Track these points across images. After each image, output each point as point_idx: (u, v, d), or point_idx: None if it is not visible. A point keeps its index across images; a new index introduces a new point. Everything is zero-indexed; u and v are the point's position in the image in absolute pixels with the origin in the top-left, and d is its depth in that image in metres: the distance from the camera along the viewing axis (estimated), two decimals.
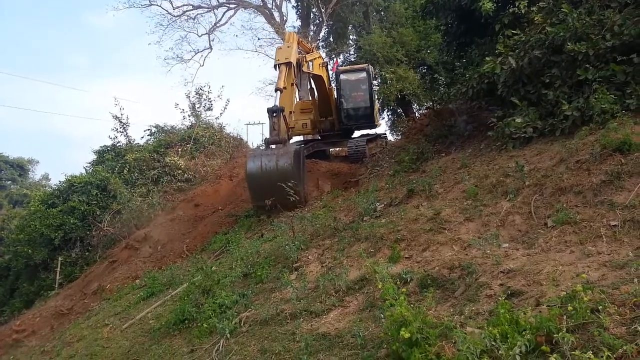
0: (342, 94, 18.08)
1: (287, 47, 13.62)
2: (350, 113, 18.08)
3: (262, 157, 12.00)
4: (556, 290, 4.17)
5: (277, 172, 11.38)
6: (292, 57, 13.18)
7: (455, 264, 5.53)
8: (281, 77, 12.88)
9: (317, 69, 16.45)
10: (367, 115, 17.98)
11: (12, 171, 68.81)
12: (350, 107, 18.08)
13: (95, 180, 18.63)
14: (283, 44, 14.17)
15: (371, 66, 19.31)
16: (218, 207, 15.76)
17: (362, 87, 18.07)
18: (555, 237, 5.60)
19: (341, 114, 18.01)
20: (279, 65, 13.12)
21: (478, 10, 10.82)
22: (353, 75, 18.44)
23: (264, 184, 11.56)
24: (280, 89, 12.65)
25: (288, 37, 14.53)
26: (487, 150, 9.55)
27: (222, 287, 7.81)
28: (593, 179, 6.18)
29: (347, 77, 18.41)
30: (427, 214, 7.42)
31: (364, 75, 18.09)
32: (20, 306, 17.20)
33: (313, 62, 15.84)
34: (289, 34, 14.90)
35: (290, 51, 13.35)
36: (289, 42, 13.96)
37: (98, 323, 9.76)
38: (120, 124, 21.83)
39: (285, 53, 13.34)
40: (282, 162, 11.61)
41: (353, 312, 5.60)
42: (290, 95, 13.37)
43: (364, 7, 29.04)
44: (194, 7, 30.56)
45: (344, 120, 18.08)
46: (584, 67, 8.37)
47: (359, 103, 18.12)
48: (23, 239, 18.08)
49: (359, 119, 18.14)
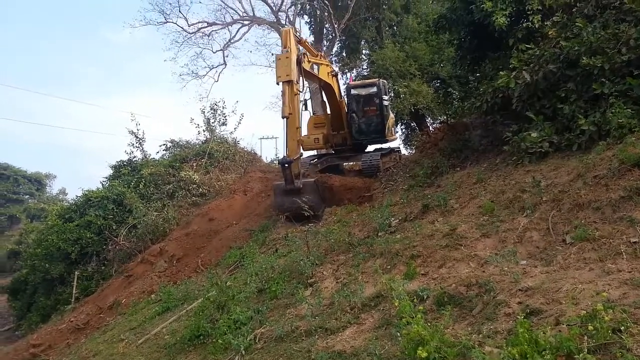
0: (353, 108, 18.11)
1: (286, 57, 12.53)
2: (362, 128, 18.09)
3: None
4: (576, 309, 4.10)
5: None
6: (293, 74, 12.46)
7: (472, 281, 5.47)
8: (285, 101, 12.41)
9: (326, 77, 16.26)
10: (378, 130, 17.94)
11: (30, 186, 69.91)
12: (361, 122, 18.10)
13: (111, 195, 18.81)
14: (282, 52, 12.87)
15: (384, 80, 19.34)
16: (232, 221, 15.82)
17: (373, 101, 18.08)
18: (574, 254, 5.52)
19: (352, 128, 18.03)
20: (281, 83, 12.55)
21: (491, 25, 10.82)
22: (364, 90, 18.47)
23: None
24: (287, 116, 12.31)
25: (284, 38, 13.06)
26: (503, 165, 9.48)
27: (236, 302, 7.81)
28: (612, 195, 6.10)
29: (358, 92, 18.43)
30: (443, 229, 7.38)
31: (374, 89, 18.11)
32: (37, 320, 17.34)
33: (319, 66, 15.38)
34: (285, 33, 13.26)
35: (290, 63, 12.48)
36: (287, 45, 12.76)
37: (114, 338, 9.80)
38: (137, 139, 22.15)
39: (285, 68, 12.44)
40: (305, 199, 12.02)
41: (369, 330, 5.56)
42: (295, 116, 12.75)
43: (376, 22, 29.18)
44: (208, 24, 30.95)
45: (355, 135, 18.08)
46: (600, 81, 8.31)
47: (370, 118, 18.13)
48: (40, 253, 18.27)
49: (370, 134, 18.11)
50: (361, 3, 28.35)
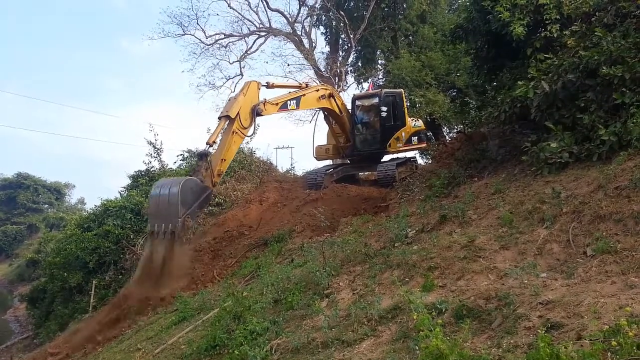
0: (356, 119, 18.13)
1: (234, 98, 13.37)
2: (366, 138, 18.09)
3: None
4: (598, 324, 4.02)
5: None
6: (232, 110, 12.82)
7: (491, 294, 5.39)
8: (216, 131, 12.85)
9: (315, 103, 16.37)
10: (380, 141, 17.86)
11: (49, 195, 71.13)
12: (363, 133, 18.11)
13: (129, 205, 19.06)
14: (235, 94, 13.90)
15: (398, 90, 19.25)
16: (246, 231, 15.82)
17: (375, 112, 18.05)
18: (595, 266, 5.42)
19: (356, 139, 18.02)
20: (219, 118, 13.10)
21: (509, 34, 10.77)
22: (366, 101, 18.51)
23: None
24: (210, 143, 12.64)
25: (243, 88, 13.91)
26: (522, 176, 9.37)
27: (253, 313, 7.79)
28: (634, 207, 5.99)
29: (362, 103, 18.51)
30: (461, 241, 7.29)
31: (376, 100, 18.08)
32: (55, 329, 17.56)
33: (301, 98, 15.36)
34: (245, 84, 14.10)
35: (234, 104, 13.03)
36: (243, 92, 13.54)
37: (130, 347, 9.83)
38: (154, 149, 22.42)
39: (227, 106, 13.22)
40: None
41: (386, 343, 5.49)
42: (222, 146, 13.02)
43: (392, 32, 29.24)
44: (225, 35, 31.36)
45: (359, 146, 18.05)
46: (621, 90, 8.20)
47: (370, 128, 18.12)
48: (59, 262, 18.54)
49: (372, 145, 18.05)
50: (377, 13, 28.47)
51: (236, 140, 13.24)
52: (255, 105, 13.50)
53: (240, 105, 13.07)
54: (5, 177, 70.07)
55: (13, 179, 69.15)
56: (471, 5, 13.08)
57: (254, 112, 13.44)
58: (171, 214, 11.70)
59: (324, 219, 11.18)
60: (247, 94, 13.47)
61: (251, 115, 13.41)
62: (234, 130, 12.86)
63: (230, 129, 12.82)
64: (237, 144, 13.68)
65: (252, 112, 13.42)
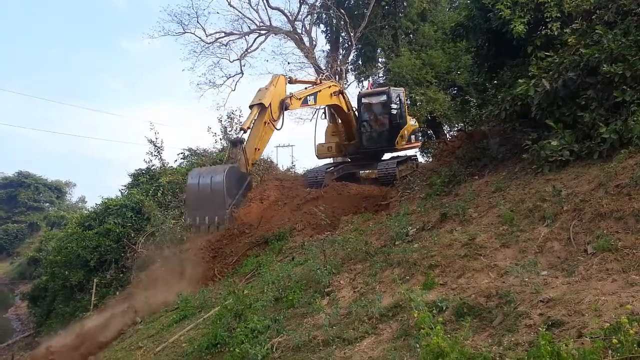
0: (363, 117, 18.11)
1: (265, 89, 13.56)
2: (373, 136, 18.08)
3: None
4: (599, 322, 4.03)
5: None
6: (266, 99, 13.09)
7: (492, 291, 5.40)
8: (249, 117, 13.08)
9: (328, 100, 16.48)
10: (388, 139, 17.87)
11: (50, 194, 71.13)
12: (372, 131, 18.09)
13: (130, 203, 19.07)
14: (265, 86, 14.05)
15: (400, 88, 19.27)
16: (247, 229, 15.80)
17: (383, 109, 18.03)
18: (596, 264, 5.42)
19: (363, 136, 18.01)
20: (250, 107, 13.27)
21: (510, 32, 10.75)
22: (374, 99, 18.48)
23: None
24: (245, 129, 12.91)
25: (272, 80, 14.23)
26: (522, 174, 9.37)
27: (253, 311, 7.79)
28: (634, 205, 5.99)
29: (369, 100, 18.48)
30: (462, 239, 7.30)
31: (384, 98, 18.07)
32: (56, 327, 17.55)
33: (318, 93, 15.63)
34: (274, 77, 14.48)
35: (266, 93, 13.27)
36: (273, 84, 13.81)
37: (132, 345, 9.86)
38: (155, 147, 22.44)
39: (260, 95, 13.35)
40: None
41: (387, 341, 5.50)
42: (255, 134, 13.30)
43: (392, 30, 29.18)
44: (226, 34, 31.30)
45: (365, 144, 18.04)
46: (621, 88, 8.19)
47: (379, 126, 18.10)
48: (60, 260, 18.56)
49: (379, 142, 18.06)
50: (377, 11, 28.42)
51: (267, 131, 13.46)
52: (284, 99, 13.80)
53: (272, 96, 13.31)
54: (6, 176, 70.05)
55: (14, 177, 69.14)
56: (472, 3, 13.05)
57: (282, 106, 13.73)
58: (217, 205, 11.45)
59: (325, 217, 11.19)
60: (277, 86, 13.72)
61: (279, 108, 13.67)
62: (266, 121, 13.09)
63: (262, 119, 13.05)
64: (269, 135, 13.86)
65: (281, 105, 13.70)
